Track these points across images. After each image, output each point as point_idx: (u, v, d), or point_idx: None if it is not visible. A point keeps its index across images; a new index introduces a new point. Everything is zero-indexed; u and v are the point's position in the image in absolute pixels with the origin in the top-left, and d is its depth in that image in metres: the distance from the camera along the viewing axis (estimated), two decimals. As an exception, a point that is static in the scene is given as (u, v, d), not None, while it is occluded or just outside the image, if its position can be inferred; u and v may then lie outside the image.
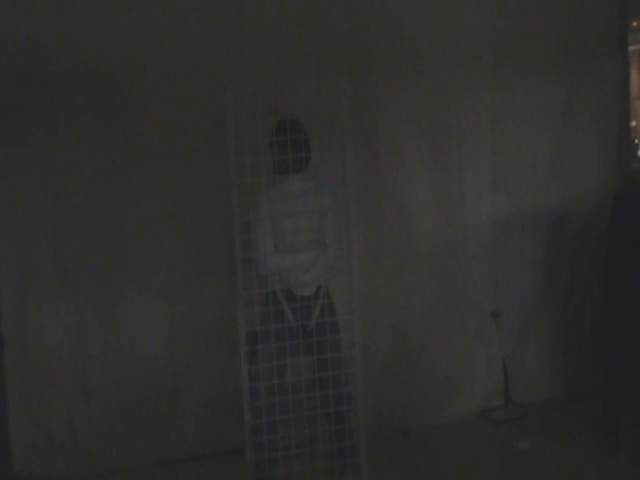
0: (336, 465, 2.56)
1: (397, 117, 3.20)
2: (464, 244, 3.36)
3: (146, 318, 3.05)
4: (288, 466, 2.45)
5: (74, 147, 2.93)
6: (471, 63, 3.27)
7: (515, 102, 3.34)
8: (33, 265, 2.95)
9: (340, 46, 3.10)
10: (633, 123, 3.68)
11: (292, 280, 2.51)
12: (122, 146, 2.96)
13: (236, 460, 2.72)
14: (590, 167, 3.46)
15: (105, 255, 3.00)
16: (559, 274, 3.49)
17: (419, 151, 3.26)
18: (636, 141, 4.08)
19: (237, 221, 2.34)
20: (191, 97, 2.97)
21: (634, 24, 3.63)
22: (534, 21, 3.31)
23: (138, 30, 2.91)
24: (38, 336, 2.98)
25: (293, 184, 2.57)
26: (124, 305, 3.04)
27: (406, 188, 3.27)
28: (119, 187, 2.99)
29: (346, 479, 2.56)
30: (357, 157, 2.91)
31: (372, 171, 3.21)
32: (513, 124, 3.35)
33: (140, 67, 2.92)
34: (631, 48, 3.52)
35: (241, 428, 2.46)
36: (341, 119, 2.33)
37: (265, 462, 2.41)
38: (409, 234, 3.28)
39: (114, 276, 3.02)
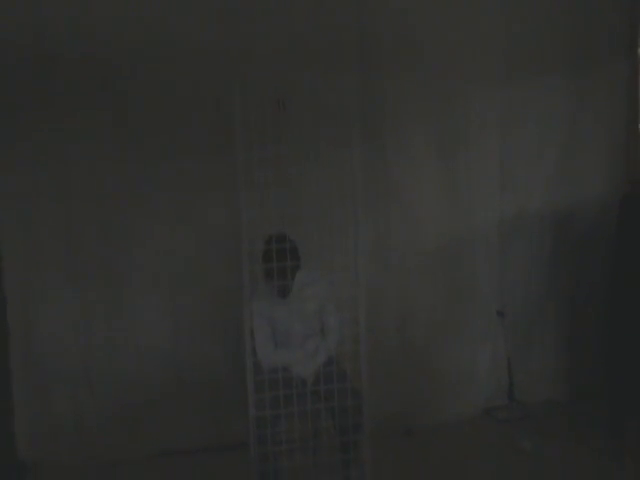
0: (339, 460, 2.57)
1: (405, 116, 3.24)
2: (470, 243, 3.38)
3: (151, 310, 3.10)
4: (291, 460, 2.47)
5: (81, 139, 2.97)
6: (480, 64, 3.30)
7: (524, 103, 3.36)
8: (40, 257, 3.00)
9: (349, 43, 3.14)
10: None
11: (294, 374, 2.60)
12: (130, 139, 3.01)
13: (240, 453, 2.73)
14: (597, 169, 3.48)
15: (111, 247, 3.04)
16: (565, 275, 3.51)
17: (426, 150, 3.29)
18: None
19: (245, 214, 2.36)
20: (199, 90, 3.00)
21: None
22: (544, 23, 3.34)
23: (146, 23, 2.95)
24: (43, 326, 3.02)
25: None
26: (129, 297, 3.08)
27: (413, 187, 3.29)
28: (126, 180, 3.02)
29: (349, 474, 2.57)
30: (364, 154, 2.88)
31: (379, 169, 3.24)
32: (521, 125, 3.38)
33: (148, 60, 2.97)
34: (640, 51, 3.54)
35: (245, 421, 2.49)
36: (348, 115, 2.36)
37: (268, 455, 2.44)
38: (415, 233, 3.31)
39: (120, 268, 3.06)
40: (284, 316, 2.64)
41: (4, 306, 2.98)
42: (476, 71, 3.29)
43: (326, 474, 2.53)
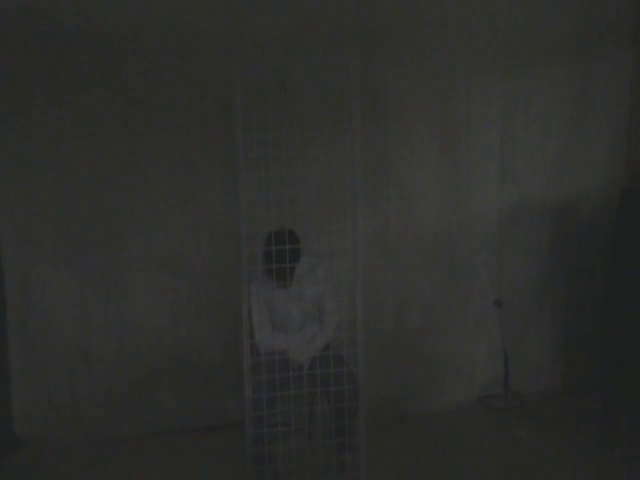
0: (334, 444, 2.59)
1: (406, 101, 3.22)
2: (469, 232, 3.37)
3: (149, 289, 3.10)
4: (286, 443, 2.49)
5: (80, 117, 2.95)
6: (483, 51, 3.26)
7: (526, 92, 3.34)
8: (37, 233, 3.00)
9: (351, 26, 3.11)
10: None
11: (291, 358, 2.62)
12: (129, 116, 2.99)
13: (235, 434, 2.77)
14: (599, 160, 3.47)
15: (110, 225, 3.04)
16: (563, 266, 3.51)
17: (427, 137, 3.27)
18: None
19: (243, 196, 2.35)
20: (199, 70, 2.98)
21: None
22: (548, 12, 3.31)
23: (147, 2, 2.91)
24: (41, 301, 3.03)
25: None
26: (128, 276, 3.08)
27: (413, 173, 3.28)
28: (125, 157, 3.02)
29: (343, 458, 2.59)
30: (365, 140, 2.89)
31: (379, 155, 3.22)
32: (523, 114, 3.36)
33: (148, 38, 2.94)
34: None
35: (241, 402, 2.50)
36: (350, 100, 2.34)
37: (264, 437, 2.46)
38: (414, 220, 3.30)
39: (118, 247, 3.06)
40: (283, 300, 2.64)
41: (2, 282, 2.99)
42: (479, 60, 3.27)
43: (321, 458, 2.53)
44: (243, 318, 2.43)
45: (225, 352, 3.11)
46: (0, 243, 2.99)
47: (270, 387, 2.49)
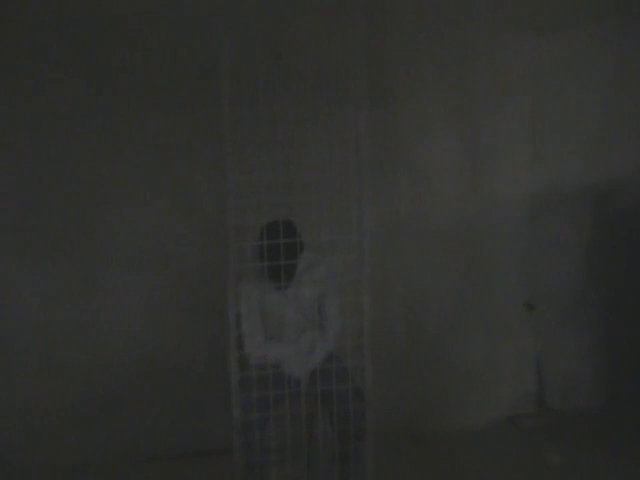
0: (337, 472, 2.52)
1: (419, 72, 3.17)
2: (494, 221, 3.32)
3: (124, 289, 3.06)
4: (282, 471, 2.44)
5: (53, 100, 2.92)
6: (509, 10, 3.19)
7: (560, 58, 3.28)
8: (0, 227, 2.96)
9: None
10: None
11: (286, 372, 2.55)
12: (104, 94, 2.95)
13: (223, 460, 2.71)
14: (643, 136, 3.45)
15: (79, 216, 3.00)
16: (606, 259, 3.43)
17: (444, 111, 3.22)
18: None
19: (231, 182, 2.27)
20: (182, 42, 2.94)
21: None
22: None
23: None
24: (3, 305, 2.98)
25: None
26: (99, 273, 3.04)
27: (427, 154, 3.23)
28: (99, 140, 2.98)
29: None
30: (372, 117, 2.79)
31: (388, 133, 3.17)
32: (556, 83, 3.29)
33: (125, 9, 2.89)
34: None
35: (228, 424, 2.43)
36: (354, 70, 2.28)
37: (255, 465, 2.40)
38: (429, 208, 3.25)
39: (89, 239, 3.02)
40: (277, 303, 2.58)
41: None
42: (504, 20, 3.20)
43: (322, 487, 2.47)
44: (230, 324, 2.33)
45: (213, 363, 3.05)
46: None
47: (262, 406, 2.42)
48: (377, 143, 3.05)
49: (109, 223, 3.02)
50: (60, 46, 2.91)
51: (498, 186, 3.30)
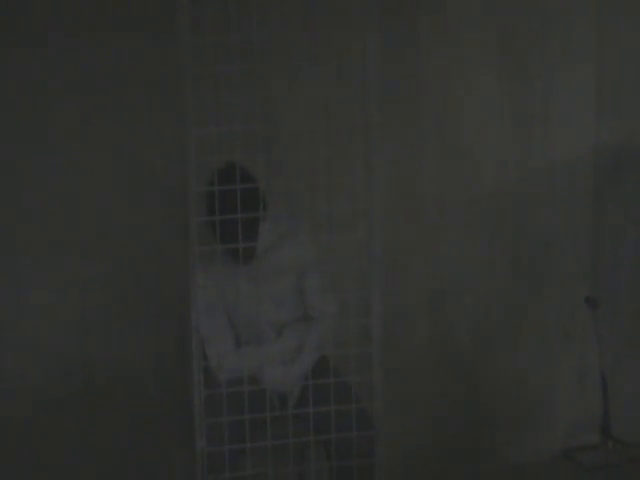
0: None
1: None
2: (547, 192, 3.36)
3: (46, 282, 3.04)
4: None
5: None
6: None
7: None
8: None
9: None
10: None
11: (268, 387, 2.61)
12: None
13: None
14: None
15: None
16: None
17: (482, 41, 3.24)
18: None
19: (192, 133, 2.23)
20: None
21: None
22: None
23: None
24: None
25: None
26: (13, 261, 3.01)
27: (459, 99, 3.25)
28: (12, 80, 2.95)
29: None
30: (384, 48, 2.73)
31: (407, 71, 3.18)
32: (628, 17, 3.33)
33: None
34: None
35: (191, 458, 2.44)
36: None
37: None
38: (461, 173, 3.28)
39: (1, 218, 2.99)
40: (247, 292, 2.60)
41: None
42: None
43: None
44: (194, 328, 2.35)
45: (167, 379, 3.07)
46: None
47: (236, 434, 2.43)
48: (392, 81, 3.03)
49: (27, 197, 2.98)
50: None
51: (553, 145, 3.34)
